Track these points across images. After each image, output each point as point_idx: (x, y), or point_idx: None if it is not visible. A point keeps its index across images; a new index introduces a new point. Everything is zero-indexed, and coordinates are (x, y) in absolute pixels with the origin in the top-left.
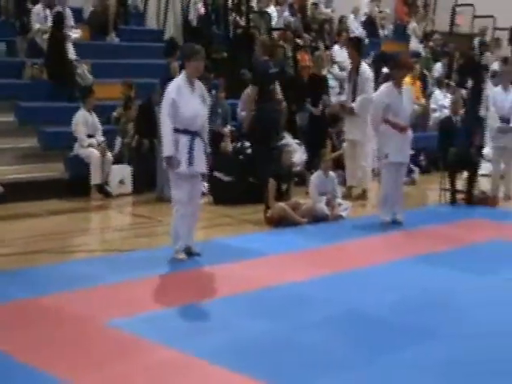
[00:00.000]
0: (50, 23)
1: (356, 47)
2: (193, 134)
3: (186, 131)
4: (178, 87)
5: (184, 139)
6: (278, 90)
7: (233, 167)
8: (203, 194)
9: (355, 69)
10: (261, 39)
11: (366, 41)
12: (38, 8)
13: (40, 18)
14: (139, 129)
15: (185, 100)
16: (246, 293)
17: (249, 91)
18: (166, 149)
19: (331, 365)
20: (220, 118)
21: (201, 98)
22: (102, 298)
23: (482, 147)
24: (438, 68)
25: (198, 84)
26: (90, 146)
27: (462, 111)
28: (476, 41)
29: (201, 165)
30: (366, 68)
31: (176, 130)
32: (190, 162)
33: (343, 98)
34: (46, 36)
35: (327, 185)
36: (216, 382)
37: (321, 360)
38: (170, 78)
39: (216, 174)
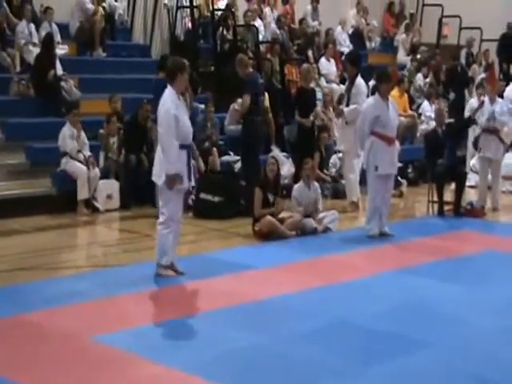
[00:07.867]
0: (35, 39)
1: (353, 61)
2: (188, 148)
3: (183, 146)
4: (174, 103)
5: (183, 154)
6: (266, 101)
7: (222, 187)
8: (188, 207)
9: (351, 82)
10: (238, 57)
11: None
12: (23, 25)
13: (25, 35)
14: (126, 144)
15: (181, 115)
16: (233, 307)
17: (235, 106)
18: (172, 166)
19: (320, 376)
20: (209, 131)
21: (187, 112)
22: (88, 313)
23: (464, 158)
24: (419, 78)
25: (182, 98)
26: (76, 160)
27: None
28: (463, 52)
29: (193, 178)
30: (360, 81)
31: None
32: (189, 177)
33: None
34: (31, 48)
35: (309, 196)
36: None
37: (309, 372)
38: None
39: (203, 196)
